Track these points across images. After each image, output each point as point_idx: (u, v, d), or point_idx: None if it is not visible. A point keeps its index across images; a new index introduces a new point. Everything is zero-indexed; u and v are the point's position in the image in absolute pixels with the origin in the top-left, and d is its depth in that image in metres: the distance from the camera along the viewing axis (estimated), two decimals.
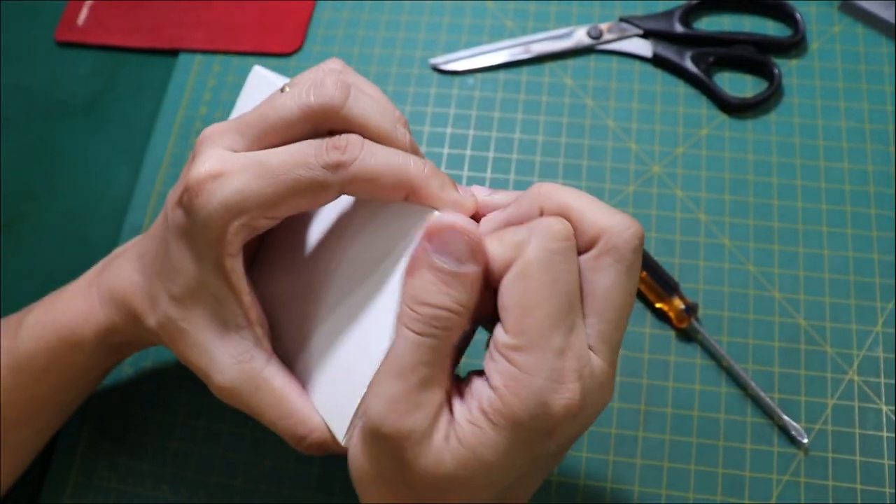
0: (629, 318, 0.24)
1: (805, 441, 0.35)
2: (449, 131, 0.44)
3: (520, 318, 0.21)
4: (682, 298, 0.37)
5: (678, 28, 0.44)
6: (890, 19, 0.44)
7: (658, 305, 0.38)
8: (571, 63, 0.45)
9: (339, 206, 0.28)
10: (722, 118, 0.43)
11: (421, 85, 0.45)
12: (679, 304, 0.37)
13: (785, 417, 0.35)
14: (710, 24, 0.46)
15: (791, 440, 0.35)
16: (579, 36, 0.45)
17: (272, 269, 0.29)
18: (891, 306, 0.38)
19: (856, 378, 0.36)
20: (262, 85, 0.31)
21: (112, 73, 0.48)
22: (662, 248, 0.40)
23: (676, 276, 0.39)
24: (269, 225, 0.25)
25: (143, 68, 0.49)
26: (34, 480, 0.39)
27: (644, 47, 0.45)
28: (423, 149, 0.44)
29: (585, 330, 0.23)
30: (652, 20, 0.45)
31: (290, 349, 0.28)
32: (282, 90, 0.25)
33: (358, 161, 0.24)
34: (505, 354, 0.22)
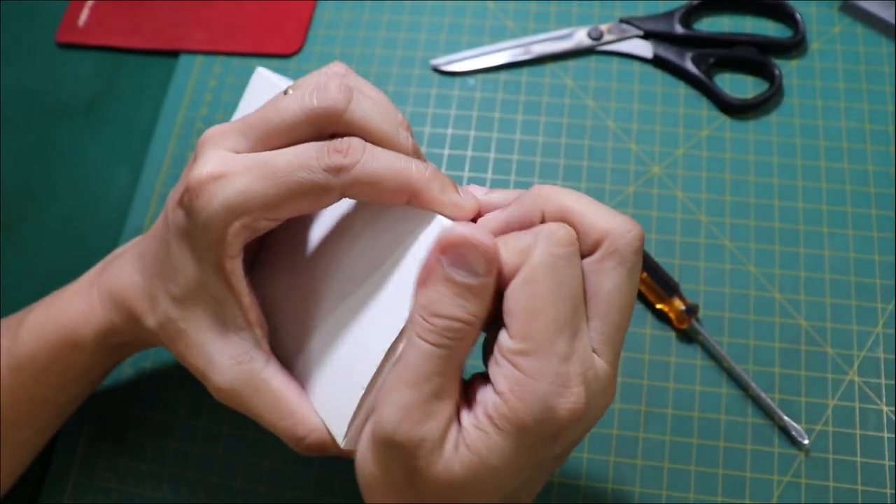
0: (630, 320, 0.24)
1: (806, 442, 0.35)
2: (450, 132, 0.44)
3: (526, 324, 0.21)
4: (683, 299, 0.37)
5: (678, 29, 0.44)
6: (890, 19, 0.44)
7: (658, 306, 0.38)
8: (572, 64, 0.45)
9: (341, 209, 0.28)
10: (722, 119, 0.43)
11: (422, 86, 0.45)
12: (679, 305, 0.37)
13: (785, 418, 0.35)
14: (711, 25, 0.46)
15: (792, 441, 0.35)
16: (580, 37, 0.45)
17: (272, 271, 0.29)
18: (891, 307, 0.38)
19: (856, 379, 0.36)
20: (265, 87, 0.31)
21: (113, 74, 0.48)
22: (663, 249, 0.40)
23: (677, 277, 0.39)
24: (270, 227, 0.25)
25: (144, 69, 0.49)
26: (34, 480, 0.39)
27: (644, 48, 0.45)
28: (424, 150, 0.44)
29: (589, 333, 0.23)
30: (652, 21, 0.45)
31: (290, 350, 0.28)
32: (285, 92, 0.25)
33: (359, 164, 0.24)
34: (510, 359, 0.22)
